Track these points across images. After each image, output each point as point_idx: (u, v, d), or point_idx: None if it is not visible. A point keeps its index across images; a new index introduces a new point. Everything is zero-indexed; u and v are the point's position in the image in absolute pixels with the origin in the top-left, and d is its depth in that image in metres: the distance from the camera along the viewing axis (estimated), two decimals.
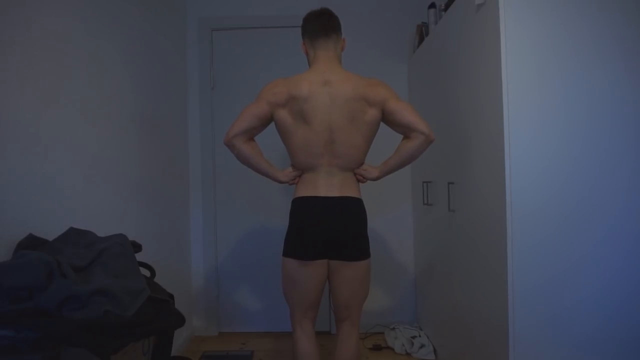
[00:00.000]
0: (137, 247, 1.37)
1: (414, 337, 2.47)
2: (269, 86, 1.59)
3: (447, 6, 2.02)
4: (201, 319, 2.82)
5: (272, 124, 1.62)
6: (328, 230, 1.53)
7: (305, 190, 1.58)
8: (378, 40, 2.82)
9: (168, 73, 2.46)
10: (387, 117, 1.59)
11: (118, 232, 1.35)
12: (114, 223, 1.75)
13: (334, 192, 1.56)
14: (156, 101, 2.26)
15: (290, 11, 2.71)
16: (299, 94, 1.52)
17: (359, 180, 1.68)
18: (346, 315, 1.64)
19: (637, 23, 1.39)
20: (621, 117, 1.39)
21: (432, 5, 2.32)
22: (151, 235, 2.14)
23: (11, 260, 1.00)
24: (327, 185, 1.56)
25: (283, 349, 2.55)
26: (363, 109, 1.54)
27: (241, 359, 2.43)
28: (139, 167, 2.02)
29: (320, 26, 1.61)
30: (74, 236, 1.29)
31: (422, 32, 2.49)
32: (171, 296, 1.35)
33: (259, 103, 1.58)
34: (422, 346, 2.40)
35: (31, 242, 1.17)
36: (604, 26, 1.39)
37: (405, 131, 1.60)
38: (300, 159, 1.59)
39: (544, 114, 1.40)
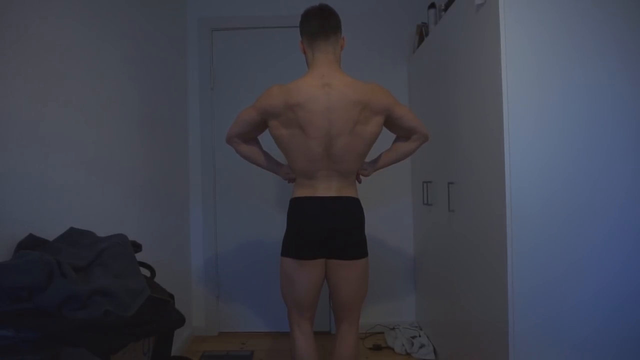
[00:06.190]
0: (137, 247, 1.37)
1: (414, 337, 2.47)
2: (265, 93, 1.56)
3: (447, 6, 2.02)
4: (201, 319, 2.82)
5: None
6: (325, 230, 1.52)
7: (302, 191, 1.58)
8: (378, 40, 2.82)
9: (168, 73, 2.46)
10: (391, 122, 1.61)
11: (118, 232, 1.36)
12: (114, 223, 1.75)
13: (332, 193, 1.55)
14: (156, 101, 2.26)
15: (290, 11, 2.70)
16: (295, 102, 1.48)
17: (357, 179, 1.69)
18: (345, 315, 1.64)
19: (637, 23, 1.39)
20: (621, 117, 1.39)
21: (432, 5, 2.32)
22: (151, 235, 2.14)
23: (11, 260, 1.01)
24: (325, 186, 1.56)
25: (283, 349, 2.55)
26: (366, 115, 1.51)
27: (241, 359, 2.43)
28: (139, 167, 2.02)
29: (320, 27, 1.55)
30: (74, 236, 1.29)
31: (422, 32, 2.49)
32: (171, 296, 1.35)
33: (251, 110, 1.59)
34: (422, 346, 2.40)
35: (31, 242, 1.17)
36: (604, 26, 1.39)
37: (407, 134, 1.65)
38: (298, 166, 1.57)
39: (543, 114, 1.40)
